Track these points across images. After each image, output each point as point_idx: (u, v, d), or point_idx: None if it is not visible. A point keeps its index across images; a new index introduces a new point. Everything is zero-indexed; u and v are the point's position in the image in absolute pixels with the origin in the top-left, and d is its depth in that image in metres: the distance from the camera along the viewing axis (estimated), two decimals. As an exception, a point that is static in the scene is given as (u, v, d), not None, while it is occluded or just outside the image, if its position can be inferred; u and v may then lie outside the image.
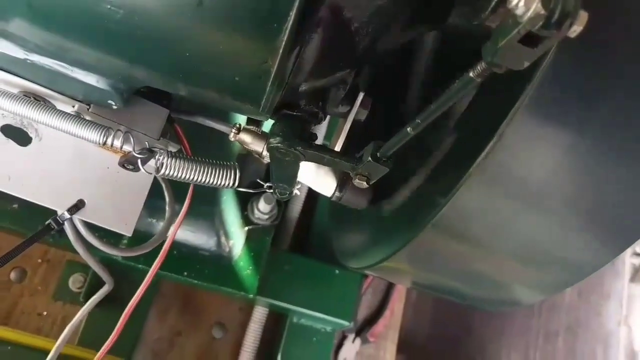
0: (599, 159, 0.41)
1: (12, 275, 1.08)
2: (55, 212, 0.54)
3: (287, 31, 0.33)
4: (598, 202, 0.44)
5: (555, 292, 0.55)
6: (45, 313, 1.06)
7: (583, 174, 0.42)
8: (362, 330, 1.30)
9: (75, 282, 1.08)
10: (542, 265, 0.52)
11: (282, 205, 1.09)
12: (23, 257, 1.09)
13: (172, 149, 0.53)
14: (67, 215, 0.53)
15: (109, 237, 0.61)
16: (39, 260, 1.10)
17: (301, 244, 1.25)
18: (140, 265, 0.94)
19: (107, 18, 0.35)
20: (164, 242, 0.58)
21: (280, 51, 0.34)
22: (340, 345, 1.27)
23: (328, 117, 0.51)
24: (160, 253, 0.58)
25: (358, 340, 1.28)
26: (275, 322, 1.20)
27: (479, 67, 0.30)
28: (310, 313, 1.10)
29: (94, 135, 0.47)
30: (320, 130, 1.15)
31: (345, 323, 1.10)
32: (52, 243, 1.00)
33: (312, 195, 1.24)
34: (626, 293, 2.01)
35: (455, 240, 0.51)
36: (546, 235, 0.47)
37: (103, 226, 0.54)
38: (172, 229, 0.59)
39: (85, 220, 0.54)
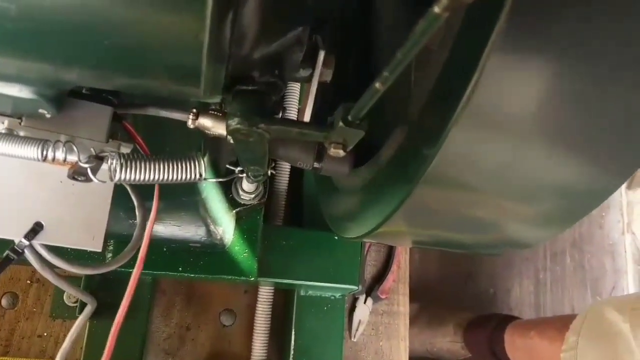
0: (593, 79, 0.36)
1: (3, 301, 1.03)
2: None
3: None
4: (598, 127, 0.40)
5: (566, 227, 0.52)
6: (45, 334, 1.02)
7: (578, 100, 0.37)
8: (372, 289, 1.28)
9: (70, 296, 1.04)
10: (547, 201, 0.48)
11: (267, 181, 1.04)
12: (11, 281, 1.05)
13: (126, 150, 0.48)
14: (25, 242, 0.48)
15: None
16: (28, 282, 1.05)
17: (296, 216, 1.21)
18: (131, 270, 0.90)
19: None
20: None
21: (208, 19, 0.28)
22: (353, 308, 1.26)
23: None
24: (137, 261, 0.54)
25: (370, 300, 1.26)
26: (284, 297, 1.18)
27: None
28: (317, 284, 1.07)
29: (30, 151, 0.41)
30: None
31: (353, 287, 1.07)
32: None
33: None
34: (625, 201, 2.01)
35: (451, 191, 0.47)
36: (547, 170, 0.43)
37: (68, 246, 0.50)
38: (146, 232, 0.54)
39: (47, 243, 0.49)
